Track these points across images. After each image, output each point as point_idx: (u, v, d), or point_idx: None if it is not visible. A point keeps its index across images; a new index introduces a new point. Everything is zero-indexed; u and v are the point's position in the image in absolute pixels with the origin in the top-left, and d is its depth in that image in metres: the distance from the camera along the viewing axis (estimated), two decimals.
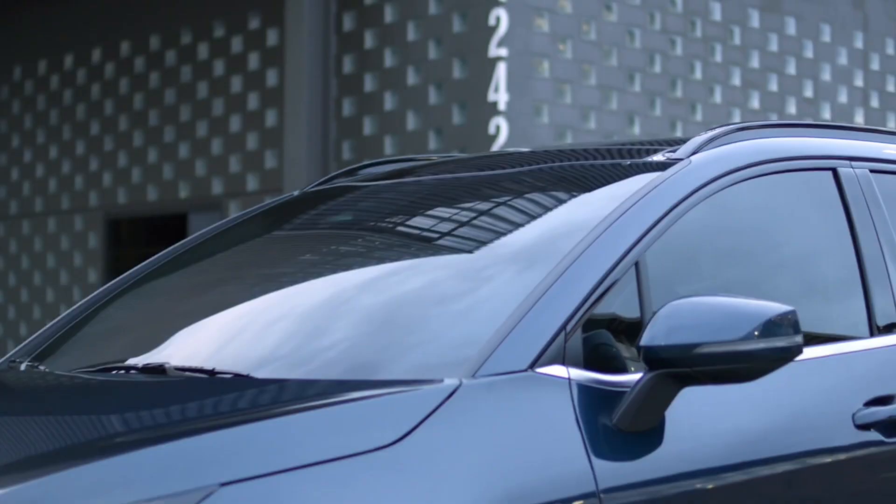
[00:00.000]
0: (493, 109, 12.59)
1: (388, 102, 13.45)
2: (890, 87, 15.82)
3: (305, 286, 3.45)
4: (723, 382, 2.84)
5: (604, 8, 13.28)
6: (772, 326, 2.80)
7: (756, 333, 2.78)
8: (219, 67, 15.06)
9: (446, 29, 12.91)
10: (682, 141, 3.40)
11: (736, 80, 14.40)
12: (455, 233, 3.44)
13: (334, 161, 13.31)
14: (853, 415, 3.26)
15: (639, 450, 2.83)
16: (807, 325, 3.00)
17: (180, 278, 3.90)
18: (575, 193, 3.42)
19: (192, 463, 2.42)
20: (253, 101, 14.69)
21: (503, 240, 3.26)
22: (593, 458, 2.74)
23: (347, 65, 13.67)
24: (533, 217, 3.33)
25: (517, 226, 3.33)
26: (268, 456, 2.44)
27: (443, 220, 3.50)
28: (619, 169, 3.44)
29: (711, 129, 3.49)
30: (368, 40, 13.57)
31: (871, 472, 3.29)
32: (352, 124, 13.60)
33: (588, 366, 2.89)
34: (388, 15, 13.34)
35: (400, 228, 3.57)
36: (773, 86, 14.67)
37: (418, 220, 3.60)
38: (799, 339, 2.82)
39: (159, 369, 3.15)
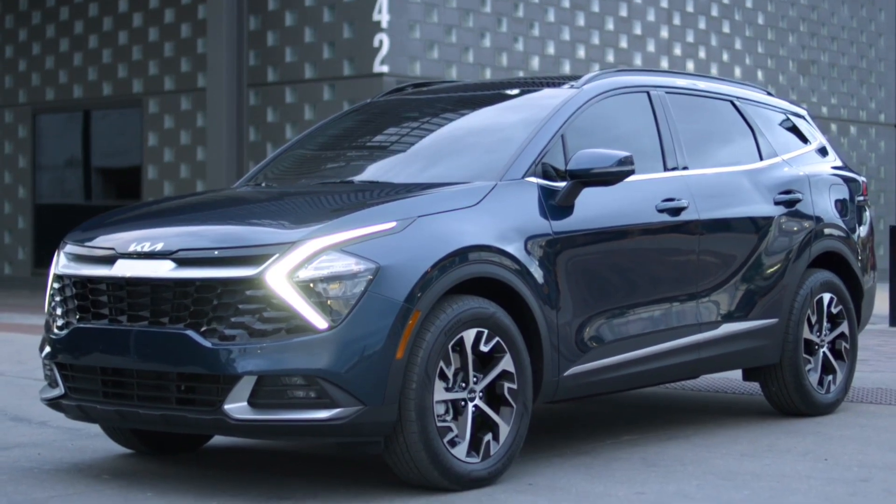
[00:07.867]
0: (377, 27, 14.89)
1: (288, 20, 15.61)
2: (689, 38, 18.49)
3: (406, 140, 6.47)
4: (601, 185, 5.95)
5: None
6: (622, 160, 5.94)
7: (619, 163, 5.93)
8: None
9: None
10: (578, 77, 6.50)
11: (551, 18, 16.89)
12: (478, 116, 6.54)
13: (245, 66, 15.54)
14: (656, 205, 6.42)
15: (566, 214, 5.87)
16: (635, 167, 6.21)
17: (335, 137, 6.85)
18: (534, 100, 6.52)
19: (406, 208, 5.33)
20: (169, 16, 16.69)
21: (501, 121, 6.33)
22: (549, 216, 5.81)
23: None
24: (517, 110, 6.43)
25: (509, 113, 6.42)
26: (431, 206, 5.40)
27: (471, 112, 6.58)
28: (551, 89, 6.55)
29: (592, 73, 6.59)
30: None
31: (661, 233, 6.45)
32: (257, 37, 15.83)
33: (544, 178, 5.93)
34: None
35: (447, 115, 6.61)
36: (595, 40, 17.19)
37: (455, 113, 6.65)
38: (633, 166, 6.00)
39: (349, 182, 6.12)
